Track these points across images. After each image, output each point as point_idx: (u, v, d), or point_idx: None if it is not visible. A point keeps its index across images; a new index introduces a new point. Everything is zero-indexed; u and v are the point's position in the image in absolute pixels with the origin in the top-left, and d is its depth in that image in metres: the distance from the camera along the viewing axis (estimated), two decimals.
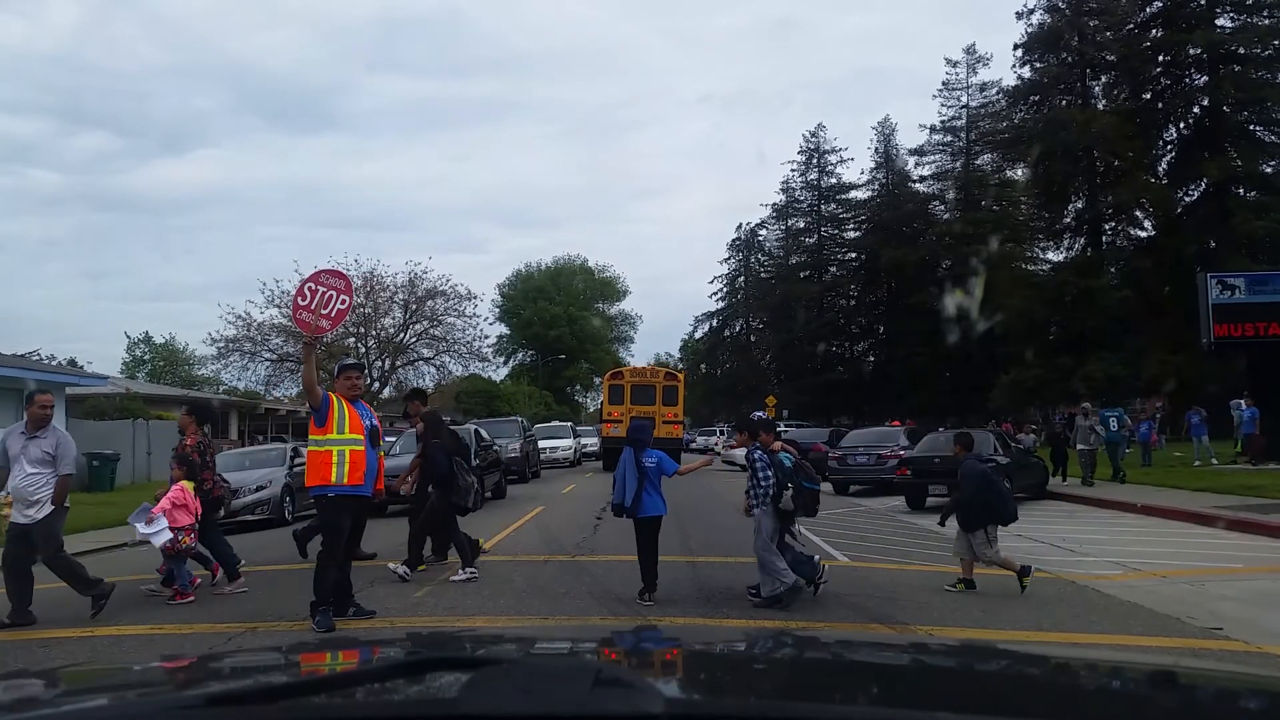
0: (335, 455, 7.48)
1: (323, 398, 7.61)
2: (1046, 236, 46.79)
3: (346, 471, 7.48)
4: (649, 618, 7.50)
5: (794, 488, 7.88)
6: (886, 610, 7.69)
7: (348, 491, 7.55)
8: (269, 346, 40.59)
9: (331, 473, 7.46)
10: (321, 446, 7.55)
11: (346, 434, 7.55)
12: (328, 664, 2.16)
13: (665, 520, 8.64)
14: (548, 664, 1.75)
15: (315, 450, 7.62)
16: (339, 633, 7.17)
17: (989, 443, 17.05)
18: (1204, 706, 1.67)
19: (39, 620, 7.96)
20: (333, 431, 7.53)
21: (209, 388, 51.97)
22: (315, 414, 7.61)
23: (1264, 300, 21.70)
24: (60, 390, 25.64)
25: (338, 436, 7.52)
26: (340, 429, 7.54)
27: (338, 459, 7.47)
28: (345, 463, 7.49)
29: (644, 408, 28.07)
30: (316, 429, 7.61)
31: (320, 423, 7.57)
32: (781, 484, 7.90)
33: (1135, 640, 6.62)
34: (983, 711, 1.49)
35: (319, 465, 7.52)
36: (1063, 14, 43.38)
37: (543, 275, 78.23)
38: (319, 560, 7.55)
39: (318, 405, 7.59)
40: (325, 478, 7.49)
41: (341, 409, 7.61)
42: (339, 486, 7.50)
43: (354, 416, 7.63)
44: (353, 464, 7.52)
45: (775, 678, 1.87)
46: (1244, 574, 9.43)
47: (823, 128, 69.48)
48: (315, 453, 7.61)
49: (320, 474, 7.51)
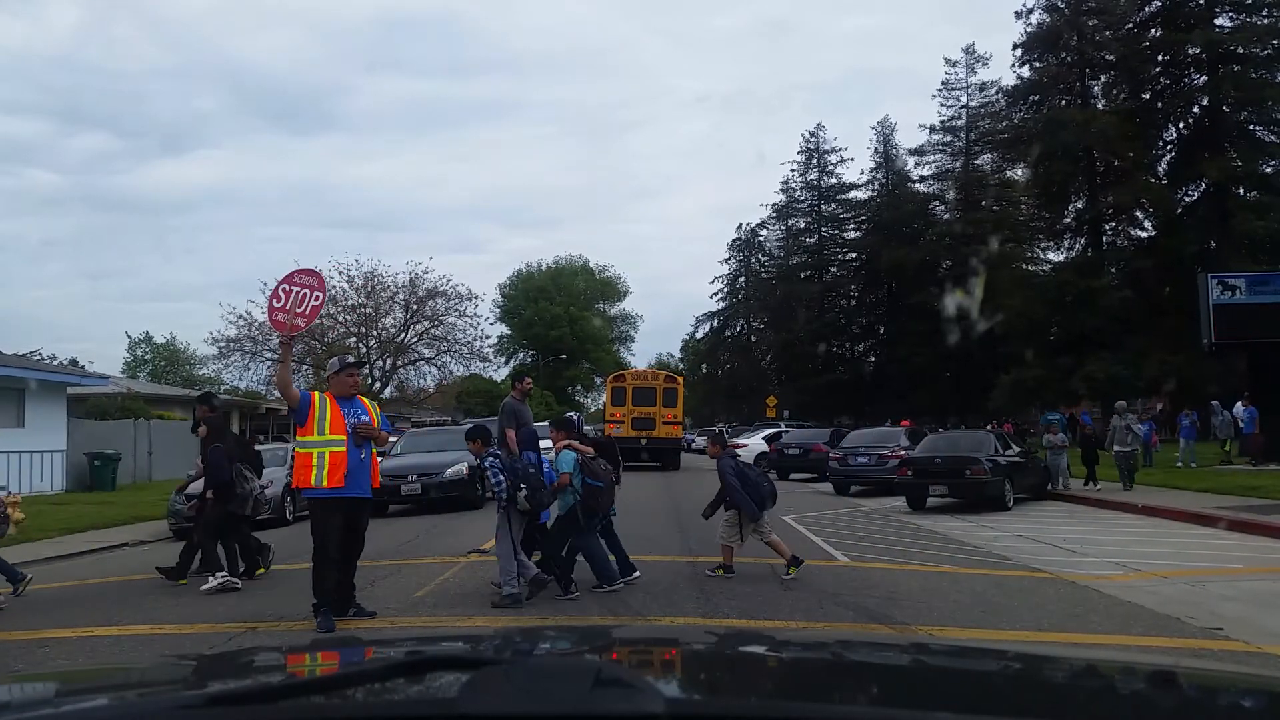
0: (315, 457, 7.43)
1: (301, 397, 7.55)
2: (1046, 237, 46.80)
3: (326, 474, 7.39)
4: (649, 618, 7.50)
5: (529, 488, 8.20)
6: (886, 610, 7.69)
7: (326, 494, 7.44)
8: (270, 346, 40.58)
9: (311, 475, 7.41)
10: (304, 448, 7.53)
11: (327, 435, 7.46)
12: (328, 664, 2.16)
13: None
14: (548, 664, 1.75)
15: (298, 451, 7.64)
16: (339, 633, 7.17)
17: (989, 443, 17.06)
18: (1204, 706, 1.67)
19: (38, 620, 7.96)
20: (313, 432, 7.48)
21: (210, 387, 51.98)
22: (296, 414, 7.57)
23: (1264, 300, 21.69)
24: (61, 390, 25.65)
25: (318, 438, 7.47)
26: (321, 429, 7.47)
27: (317, 461, 7.41)
28: (325, 464, 7.39)
29: (645, 409, 28.78)
30: (300, 430, 7.59)
31: (300, 423, 7.54)
32: (514, 485, 8.19)
33: (1135, 640, 6.62)
34: (983, 711, 1.49)
35: (301, 467, 7.50)
36: (1062, 14, 43.39)
37: (543, 275, 78.23)
38: (314, 562, 7.53)
39: (295, 405, 7.54)
40: (306, 480, 7.46)
41: (323, 409, 7.49)
42: (318, 489, 7.44)
43: (336, 416, 7.49)
44: (331, 465, 7.39)
45: (775, 678, 1.87)
46: (1244, 574, 9.43)
47: (822, 128, 69.56)
48: (298, 454, 7.63)
49: (302, 476, 7.49)
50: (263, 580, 9.97)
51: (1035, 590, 8.66)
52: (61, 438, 24.83)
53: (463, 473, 17.23)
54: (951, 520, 14.68)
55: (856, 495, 19.98)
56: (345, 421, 7.53)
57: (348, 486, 7.45)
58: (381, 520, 16.16)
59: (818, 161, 65.32)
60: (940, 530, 13.46)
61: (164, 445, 28.60)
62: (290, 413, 7.66)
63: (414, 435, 21.58)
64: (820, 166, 65.35)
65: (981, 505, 15.80)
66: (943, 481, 16.21)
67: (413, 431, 23.43)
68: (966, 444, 17.25)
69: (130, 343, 67.28)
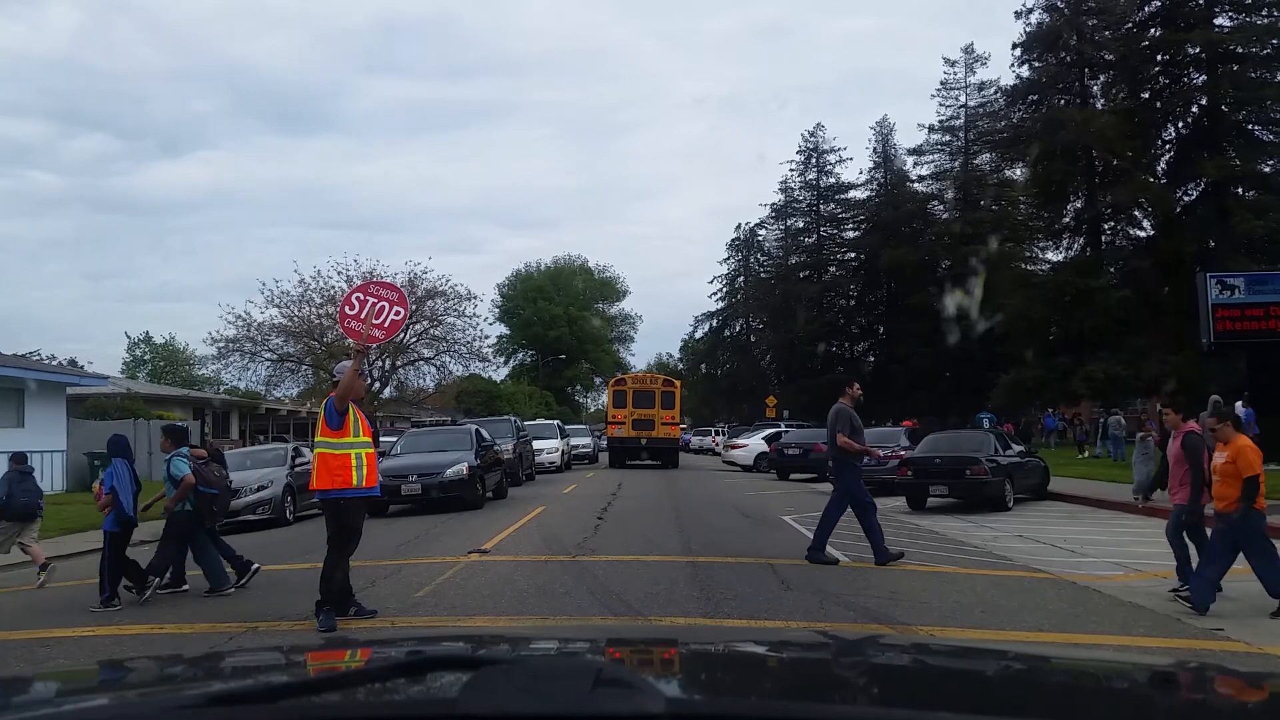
0: (354, 458, 7.54)
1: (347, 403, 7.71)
2: (1046, 236, 46.74)
3: (365, 474, 7.58)
4: (649, 618, 7.50)
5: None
6: (886, 610, 7.69)
7: (364, 494, 7.69)
8: (269, 347, 40.53)
9: (352, 475, 7.53)
10: (339, 450, 7.55)
11: (362, 437, 7.63)
12: (328, 664, 2.16)
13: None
14: (548, 664, 1.75)
15: (331, 453, 7.55)
16: (339, 632, 7.17)
17: (989, 443, 17.05)
18: (1204, 706, 1.67)
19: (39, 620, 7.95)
20: (349, 435, 7.56)
21: (210, 388, 51.98)
22: (334, 417, 7.54)
23: (1264, 300, 21.69)
24: (61, 390, 25.66)
25: (354, 440, 7.57)
26: (356, 432, 7.60)
27: (356, 462, 7.54)
28: (364, 465, 7.58)
29: (645, 411, 30.61)
30: (332, 432, 7.55)
31: (337, 426, 7.54)
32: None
33: (1135, 640, 6.62)
34: (983, 711, 1.49)
35: (338, 468, 7.50)
36: (1061, 13, 43.36)
37: (542, 275, 78.21)
38: (329, 561, 7.55)
39: (344, 410, 7.60)
40: (346, 481, 7.53)
41: (354, 413, 7.68)
42: (358, 489, 7.58)
43: (362, 419, 7.72)
44: (369, 466, 7.64)
45: (775, 678, 1.87)
46: (1245, 574, 9.41)
47: (821, 127, 69.29)
48: (331, 455, 7.55)
49: (341, 477, 7.51)
50: (263, 580, 9.95)
51: (1035, 590, 8.66)
52: (61, 438, 24.83)
53: (463, 473, 17.21)
54: (951, 520, 14.68)
55: None
56: (369, 425, 7.80)
57: (375, 486, 7.85)
58: (381, 520, 16.16)
59: (817, 161, 65.28)
60: (940, 530, 13.46)
61: None
62: (328, 414, 7.60)
63: (414, 435, 21.55)
64: (819, 166, 65.31)
65: (981, 505, 15.80)
66: (943, 481, 16.21)
67: (413, 431, 23.39)
68: (966, 444, 17.24)
69: (129, 343, 67.45)
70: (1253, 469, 7.36)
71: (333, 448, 7.56)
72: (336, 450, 7.55)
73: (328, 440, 7.59)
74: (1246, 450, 7.46)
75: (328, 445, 7.59)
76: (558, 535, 12.88)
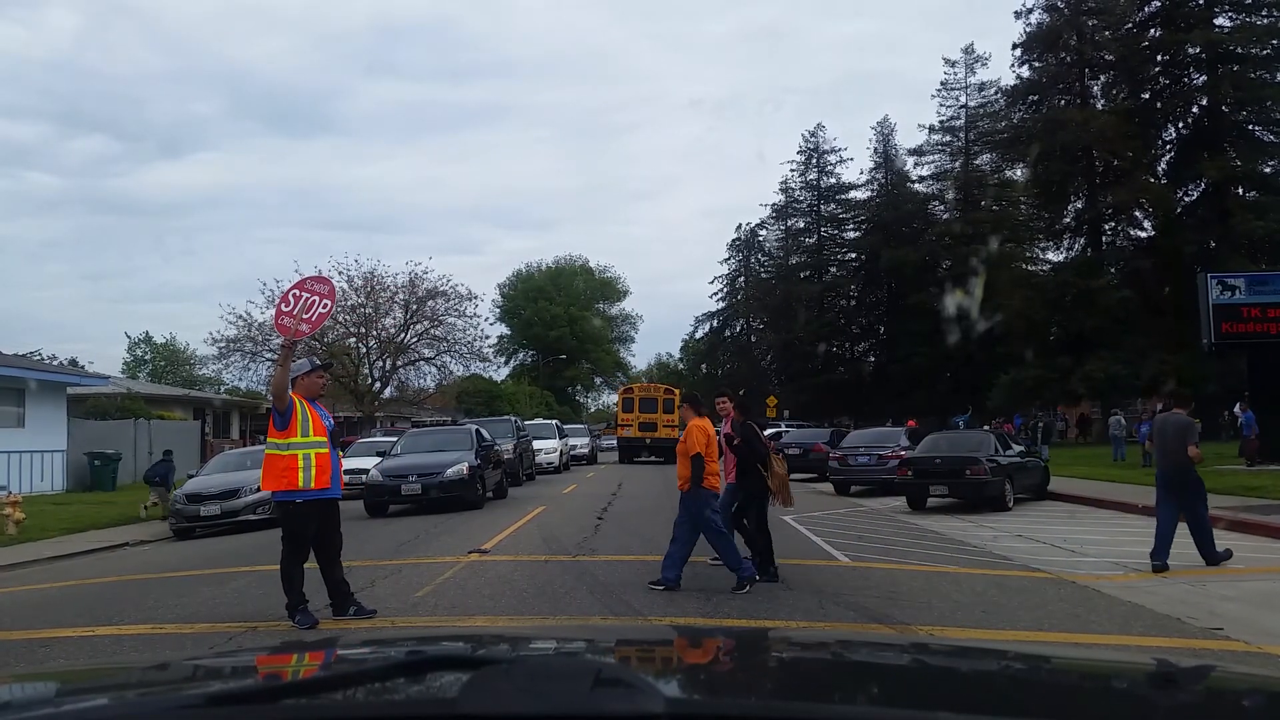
0: (301, 459, 7.41)
1: (287, 400, 7.56)
2: (1046, 236, 46.76)
3: (314, 475, 7.42)
4: (649, 618, 7.50)
5: None
6: (886, 610, 7.68)
7: (315, 496, 7.48)
8: (270, 346, 40.51)
9: (299, 477, 7.39)
10: (284, 450, 7.44)
11: (311, 436, 7.47)
12: (328, 664, 2.16)
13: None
14: (548, 664, 1.75)
15: (277, 454, 7.48)
16: (339, 632, 7.17)
17: (989, 443, 17.05)
18: (1204, 706, 1.67)
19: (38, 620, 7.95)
20: (296, 435, 7.43)
21: (210, 388, 52.00)
22: (278, 416, 7.50)
23: (1264, 300, 21.68)
24: (61, 390, 25.66)
25: (302, 440, 7.44)
26: (304, 431, 7.45)
27: (304, 463, 7.40)
28: (311, 466, 7.41)
29: (649, 415, 36.12)
30: (277, 432, 7.48)
31: (283, 425, 7.45)
32: None
33: (1135, 640, 6.62)
34: (983, 711, 1.48)
35: (284, 469, 7.40)
36: (1061, 14, 43.38)
37: (543, 275, 78.20)
38: (283, 566, 7.52)
39: (283, 408, 7.50)
40: (292, 482, 7.40)
41: (304, 411, 7.52)
42: (306, 491, 7.44)
43: (316, 418, 7.56)
44: (319, 467, 7.45)
45: (775, 678, 1.87)
46: (1244, 574, 9.43)
47: (821, 128, 69.31)
48: (277, 456, 7.47)
49: (286, 479, 7.40)
50: (263, 580, 9.95)
51: (1035, 590, 8.66)
52: (62, 438, 24.84)
53: (463, 473, 17.20)
54: (951, 520, 14.67)
55: (857, 495, 19.98)
56: (324, 423, 7.61)
57: (332, 488, 7.60)
58: (381, 520, 16.18)
59: (817, 161, 65.23)
60: (940, 530, 13.46)
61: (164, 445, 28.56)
62: (273, 413, 7.60)
63: (414, 435, 21.54)
64: (820, 166, 65.27)
65: (981, 505, 15.79)
66: (943, 481, 16.20)
67: (413, 431, 23.38)
68: (966, 444, 17.24)
69: (130, 343, 67.48)
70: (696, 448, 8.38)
71: (279, 448, 7.48)
72: (283, 451, 7.45)
73: (274, 440, 7.53)
74: (693, 430, 8.52)
75: (274, 446, 7.53)
76: (558, 535, 12.88)
